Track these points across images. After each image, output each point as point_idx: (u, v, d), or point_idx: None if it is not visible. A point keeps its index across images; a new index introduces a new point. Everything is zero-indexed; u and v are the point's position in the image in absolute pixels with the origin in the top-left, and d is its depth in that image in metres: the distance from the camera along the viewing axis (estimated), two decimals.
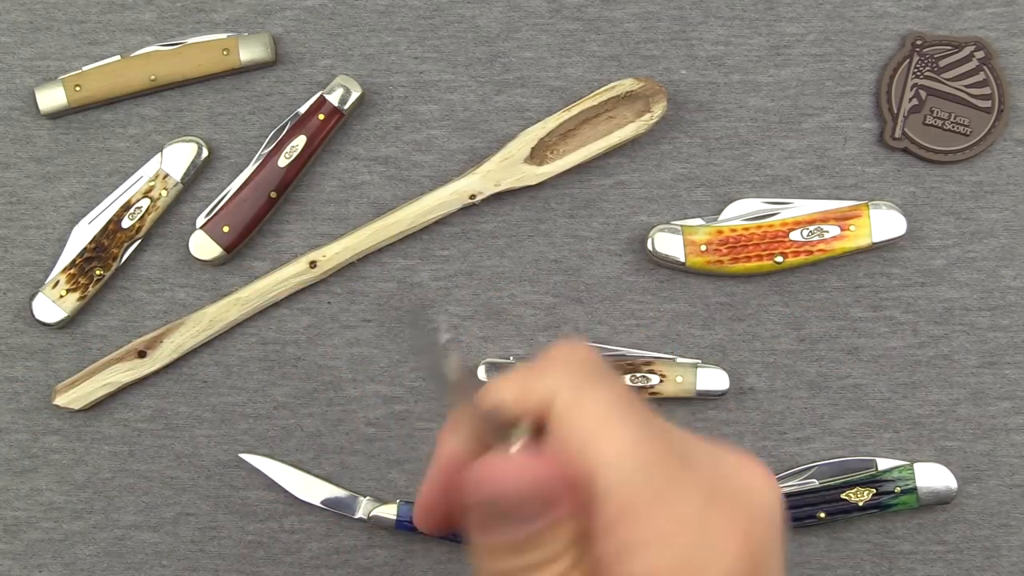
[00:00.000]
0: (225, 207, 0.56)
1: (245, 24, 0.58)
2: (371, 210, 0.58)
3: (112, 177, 0.58)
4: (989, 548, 0.56)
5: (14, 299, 0.57)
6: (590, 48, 0.58)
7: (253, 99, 0.58)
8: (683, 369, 0.56)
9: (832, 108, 0.58)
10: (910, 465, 0.56)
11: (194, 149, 0.57)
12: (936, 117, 0.57)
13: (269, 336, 0.57)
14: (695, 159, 0.58)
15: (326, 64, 0.58)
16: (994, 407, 0.57)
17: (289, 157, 0.56)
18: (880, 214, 0.56)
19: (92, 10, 0.58)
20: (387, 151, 0.58)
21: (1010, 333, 0.57)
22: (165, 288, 0.58)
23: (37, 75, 0.58)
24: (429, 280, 0.57)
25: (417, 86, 0.58)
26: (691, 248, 0.56)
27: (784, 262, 0.56)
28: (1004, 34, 0.58)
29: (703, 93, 0.58)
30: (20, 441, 0.57)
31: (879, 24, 0.58)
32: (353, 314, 0.57)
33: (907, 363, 0.57)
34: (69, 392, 0.56)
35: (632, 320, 0.57)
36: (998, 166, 0.58)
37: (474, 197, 0.56)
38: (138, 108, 0.58)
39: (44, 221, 0.58)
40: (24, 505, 0.57)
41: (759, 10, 0.58)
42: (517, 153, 0.56)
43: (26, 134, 0.58)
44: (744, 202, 0.57)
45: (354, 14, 0.58)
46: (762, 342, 0.57)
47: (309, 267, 0.57)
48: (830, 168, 0.58)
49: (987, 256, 0.57)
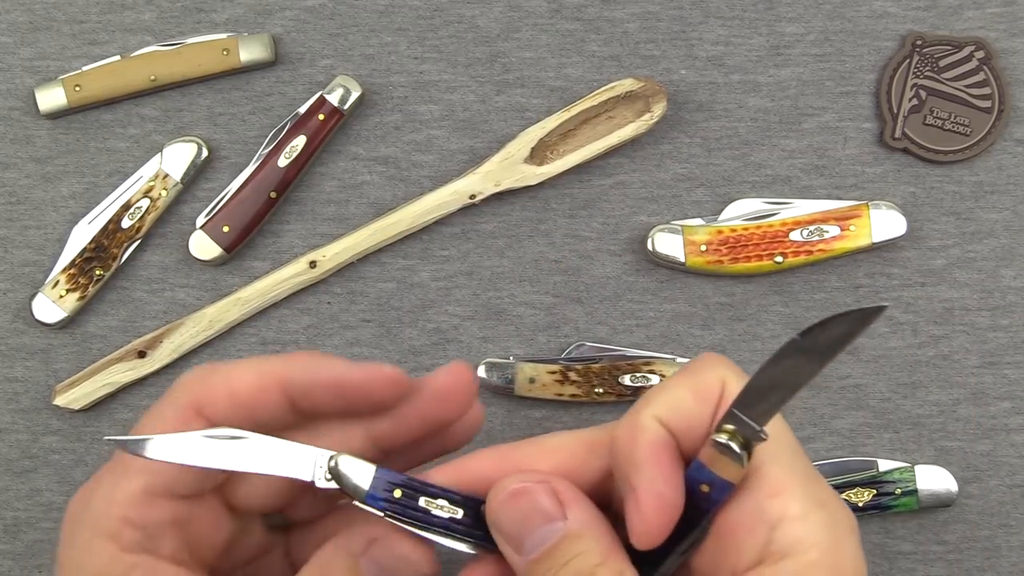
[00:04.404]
0: (225, 207, 0.56)
1: (245, 24, 0.58)
2: (371, 210, 0.58)
3: (112, 177, 0.58)
4: (989, 548, 0.56)
5: (14, 299, 0.57)
6: (590, 48, 0.58)
7: (253, 99, 0.58)
8: None
9: (832, 108, 0.58)
10: (911, 467, 0.56)
11: (194, 149, 0.57)
12: (936, 117, 0.57)
13: (269, 336, 0.57)
14: (695, 159, 0.58)
15: (326, 64, 0.58)
16: (994, 407, 0.57)
17: (289, 157, 0.56)
18: (880, 214, 0.56)
19: (92, 10, 0.58)
20: (387, 151, 0.58)
21: (1010, 333, 0.57)
22: (165, 288, 0.58)
23: (37, 75, 0.58)
24: (429, 280, 0.57)
25: (417, 86, 0.58)
26: (691, 248, 0.56)
27: (784, 262, 0.56)
28: (1004, 34, 0.58)
29: (703, 93, 0.58)
30: (20, 441, 0.57)
31: (879, 24, 0.58)
32: (353, 314, 0.57)
33: (907, 363, 0.57)
34: (69, 392, 0.56)
35: (632, 320, 0.57)
36: (998, 166, 0.58)
37: (474, 197, 0.56)
38: (138, 108, 0.58)
39: (44, 221, 0.58)
40: (24, 505, 0.57)
41: (759, 10, 0.58)
42: (517, 153, 0.56)
43: (26, 134, 0.58)
44: (744, 202, 0.57)
45: (354, 14, 0.58)
46: (762, 342, 0.57)
47: (309, 267, 0.57)
48: (830, 168, 0.58)
49: (987, 256, 0.57)
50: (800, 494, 0.31)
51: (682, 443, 0.33)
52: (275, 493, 0.36)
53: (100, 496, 0.34)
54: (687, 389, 0.33)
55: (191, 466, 0.32)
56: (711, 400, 0.33)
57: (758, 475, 0.32)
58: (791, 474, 0.32)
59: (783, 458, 0.32)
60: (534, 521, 0.32)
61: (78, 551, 0.34)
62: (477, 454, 0.35)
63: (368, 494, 0.32)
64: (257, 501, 0.36)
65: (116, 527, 0.33)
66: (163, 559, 0.34)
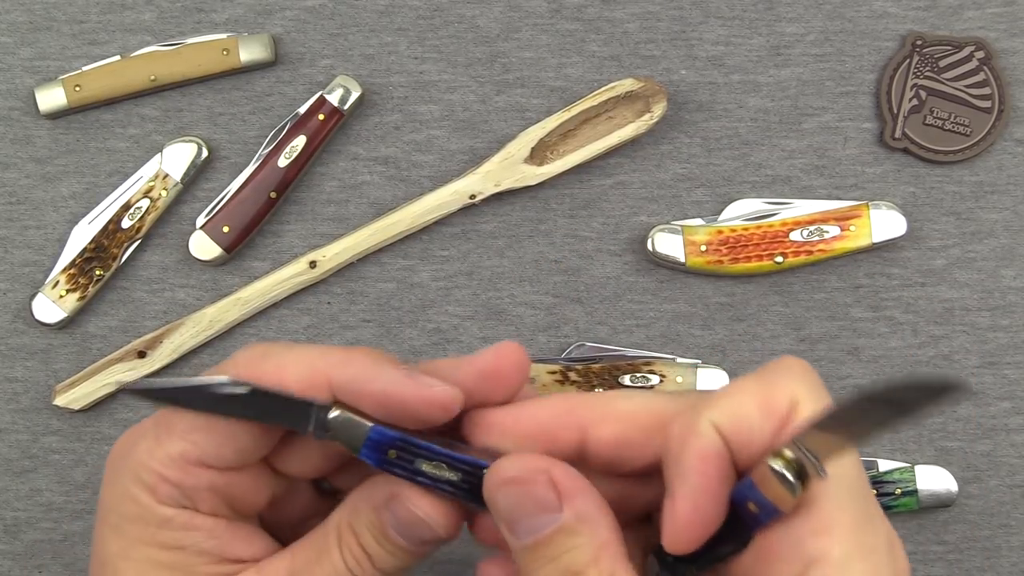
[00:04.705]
0: (225, 207, 0.56)
1: (245, 24, 0.58)
2: (371, 210, 0.58)
3: (112, 177, 0.58)
4: (989, 548, 0.56)
5: (14, 299, 0.57)
6: (590, 48, 0.58)
7: (253, 99, 0.58)
8: (683, 369, 0.56)
9: (832, 108, 0.58)
10: (911, 467, 0.56)
11: (194, 149, 0.57)
12: (936, 117, 0.57)
13: (269, 336, 0.57)
14: (695, 159, 0.58)
15: (326, 64, 0.58)
16: (994, 407, 0.57)
17: (289, 157, 0.56)
18: (880, 214, 0.56)
19: (92, 10, 0.58)
20: (387, 151, 0.58)
21: (1010, 333, 0.57)
22: (165, 288, 0.58)
23: (37, 75, 0.58)
24: (429, 280, 0.57)
25: (417, 86, 0.58)
26: (691, 248, 0.56)
27: (784, 262, 0.56)
28: (1004, 34, 0.58)
29: (703, 93, 0.58)
30: (20, 441, 0.57)
31: (879, 24, 0.58)
32: (353, 314, 0.57)
33: (907, 363, 0.57)
34: (69, 392, 0.56)
35: (632, 320, 0.57)
36: (998, 166, 0.58)
37: (474, 197, 0.56)
38: (138, 108, 0.58)
39: (44, 221, 0.58)
40: (24, 505, 0.57)
41: (759, 10, 0.58)
42: (517, 153, 0.56)
43: (26, 134, 0.58)
44: (744, 202, 0.57)
45: (354, 14, 0.58)
46: (762, 342, 0.57)
47: (309, 267, 0.57)
48: (830, 168, 0.58)
49: (987, 256, 0.57)
50: (847, 538, 0.30)
51: (737, 455, 0.31)
52: (315, 461, 0.36)
53: (142, 448, 0.34)
54: (754, 400, 0.31)
55: (222, 432, 0.33)
56: (777, 417, 0.31)
57: (809, 506, 0.30)
58: (843, 514, 0.30)
59: (840, 496, 0.30)
60: (528, 508, 0.31)
61: (118, 496, 0.34)
62: (542, 402, 0.33)
63: (362, 452, 0.32)
64: (298, 467, 0.36)
65: (154, 481, 0.33)
66: (200, 513, 0.34)
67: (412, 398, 0.32)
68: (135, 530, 0.34)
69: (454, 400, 0.32)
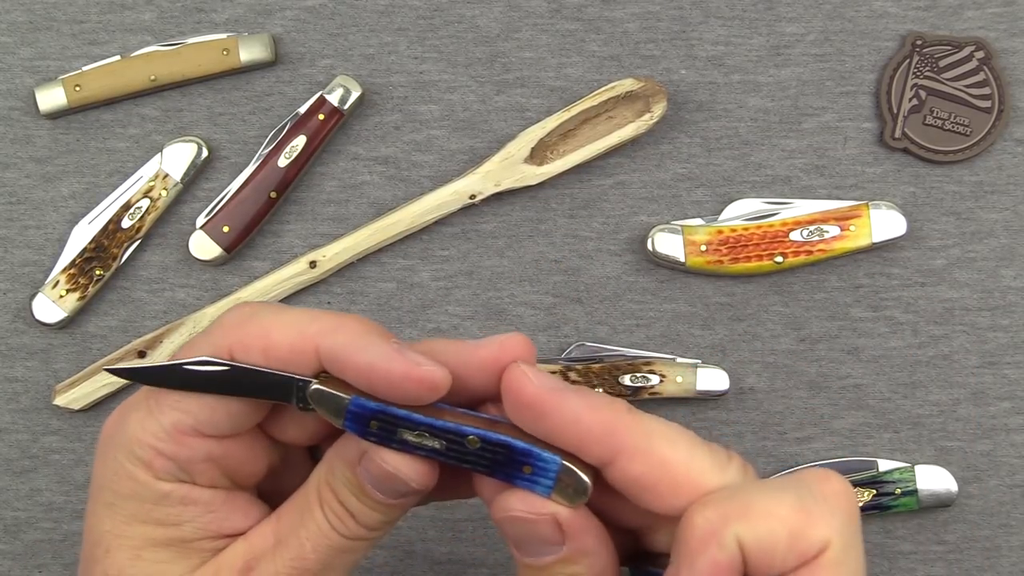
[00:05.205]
0: (225, 207, 0.56)
1: (245, 24, 0.58)
2: (371, 210, 0.58)
3: (112, 177, 0.58)
4: (989, 548, 0.56)
5: (14, 299, 0.57)
6: (590, 48, 0.58)
7: (253, 99, 0.58)
8: (683, 369, 0.56)
9: (832, 108, 0.58)
10: (911, 467, 0.56)
11: (194, 149, 0.57)
12: (936, 117, 0.57)
13: None
14: (695, 159, 0.58)
15: (326, 64, 0.58)
16: (994, 407, 0.57)
17: (289, 157, 0.56)
18: (880, 214, 0.56)
19: (92, 10, 0.58)
20: (387, 151, 0.58)
21: (1010, 333, 0.57)
22: (165, 288, 0.58)
23: (37, 75, 0.58)
24: (429, 280, 0.57)
25: (417, 86, 0.58)
26: (691, 248, 0.56)
27: (784, 262, 0.56)
28: (1004, 34, 0.58)
29: (703, 93, 0.58)
30: (20, 441, 0.57)
31: (879, 24, 0.58)
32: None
33: (907, 363, 0.57)
34: (69, 392, 0.56)
35: (632, 320, 0.57)
36: (998, 166, 0.58)
37: (474, 197, 0.56)
38: (138, 108, 0.58)
39: (44, 221, 0.58)
40: (24, 505, 0.57)
41: (759, 10, 0.58)
42: (517, 153, 0.56)
43: (26, 134, 0.58)
44: (744, 202, 0.57)
45: (354, 14, 0.58)
46: (762, 342, 0.57)
47: (309, 267, 0.57)
48: (830, 168, 0.58)
49: (987, 256, 0.57)
50: None
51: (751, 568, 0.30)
52: (309, 428, 0.35)
53: (134, 422, 0.34)
54: (787, 528, 0.30)
55: (213, 405, 0.33)
56: (804, 557, 0.30)
57: None
58: None
59: None
60: (532, 540, 0.32)
61: (111, 474, 0.34)
62: (587, 404, 0.32)
63: (345, 423, 0.32)
64: (293, 434, 0.36)
65: (149, 456, 0.33)
66: (198, 486, 0.34)
67: (397, 374, 0.31)
68: (130, 507, 0.34)
69: (441, 381, 0.32)
